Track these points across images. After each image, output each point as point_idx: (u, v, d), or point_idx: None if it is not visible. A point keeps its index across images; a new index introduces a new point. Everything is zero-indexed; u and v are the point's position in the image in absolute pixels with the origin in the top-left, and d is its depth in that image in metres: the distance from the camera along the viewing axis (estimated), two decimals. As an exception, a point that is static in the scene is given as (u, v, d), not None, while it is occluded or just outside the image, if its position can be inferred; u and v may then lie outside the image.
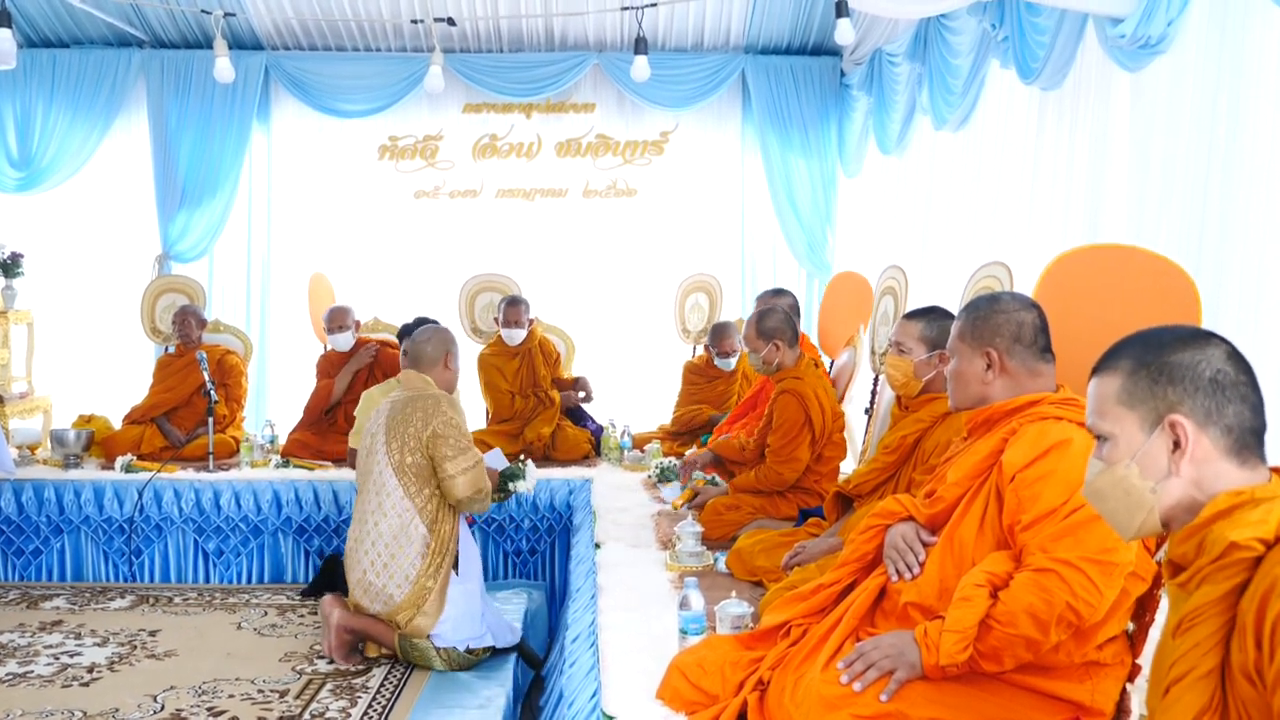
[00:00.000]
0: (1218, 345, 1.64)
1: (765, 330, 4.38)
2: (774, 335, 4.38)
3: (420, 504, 4.09)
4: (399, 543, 4.05)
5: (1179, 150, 3.87)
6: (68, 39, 8.12)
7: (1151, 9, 3.76)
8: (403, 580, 4.05)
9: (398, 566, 4.05)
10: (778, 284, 7.60)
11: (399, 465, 4.09)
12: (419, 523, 4.07)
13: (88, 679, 4.23)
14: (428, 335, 4.42)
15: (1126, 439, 1.66)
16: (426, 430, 4.10)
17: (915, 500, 2.57)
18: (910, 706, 2.19)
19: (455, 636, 4.10)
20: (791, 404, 4.29)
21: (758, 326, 4.41)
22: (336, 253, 8.33)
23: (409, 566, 4.05)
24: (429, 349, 4.35)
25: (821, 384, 4.39)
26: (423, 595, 4.04)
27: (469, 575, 4.19)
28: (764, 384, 5.35)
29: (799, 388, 4.30)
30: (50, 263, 8.19)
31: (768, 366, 4.42)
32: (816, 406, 4.28)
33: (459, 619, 4.10)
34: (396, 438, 4.12)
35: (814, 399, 4.28)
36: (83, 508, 5.72)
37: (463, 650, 4.11)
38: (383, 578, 4.06)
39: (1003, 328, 2.51)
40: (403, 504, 4.08)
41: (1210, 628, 1.50)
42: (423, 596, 4.04)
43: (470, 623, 4.13)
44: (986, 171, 5.75)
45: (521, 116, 8.53)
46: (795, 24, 8.06)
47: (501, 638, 4.26)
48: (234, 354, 6.75)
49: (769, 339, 4.38)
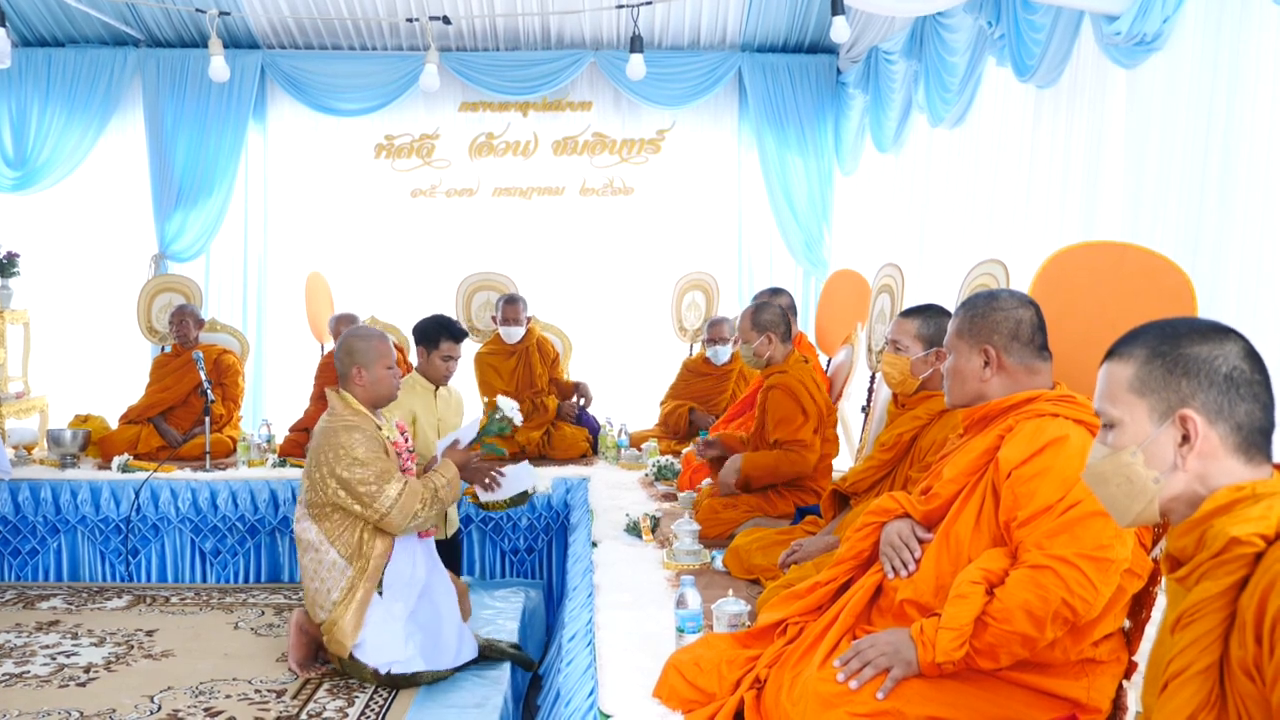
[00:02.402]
0: (1235, 341, 1.63)
1: (760, 322, 4.42)
2: (768, 328, 4.41)
3: (333, 533, 3.92)
4: (320, 564, 3.94)
5: (1174, 147, 3.88)
6: (63, 38, 8.11)
7: (1147, 6, 3.76)
8: (325, 598, 3.92)
9: (321, 582, 3.93)
10: (775, 282, 7.61)
11: (309, 501, 3.96)
12: (332, 551, 3.90)
13: (84, 679, 4.22)
14: (338, 347, 4.15)
15: (1135, 427, 1.65)
16: (333, 480, 3.87)
17: (911, 497, 2.57)
18: (906, 704, 2.18)
19: (376, 658, 3.86)
20: (781, 397, 4.31)
21: (753, 318, 4.44)
22: (333, 252, 8.34)
23: (332, 586, 3.90)
24: (338, 364, 4.08)
25: (809, 373, 4.41)
26: (340, 613, 3.86)
27: (398, 596, 3.92)
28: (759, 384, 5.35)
29: (785, 380, 4.33)
30: (46, 262, 8.18)
31: (758, 359, 4.45)
32: (807, 394, 4.31)
33: (378, 640, 3.85)
34: (308, 476, 3.98)
35: (802, 388, 4.31)
36: (79, 508, 5.72)
37: (384, 673, 3.87)
38: (315, 583, 3.95)
39: (1000, 325, 2.51)
40: (317, 536, 3.93)
41: (1209, 623, 1.50)
42: (340, 614, 3.86)
43: (391, 645, 3.85)
44: (983, 169, 5.76)
45: (518, 115, 8.53)
46: (791, 22, 8.07)
47: (437, 660, 3.92)
48: (231, 353, 6.74)
49: (762, 331, 4.41)
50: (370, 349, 4.02)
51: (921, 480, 2.71)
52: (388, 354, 4.06)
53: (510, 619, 4.76)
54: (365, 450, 3.88)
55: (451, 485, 4.06)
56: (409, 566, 3.99)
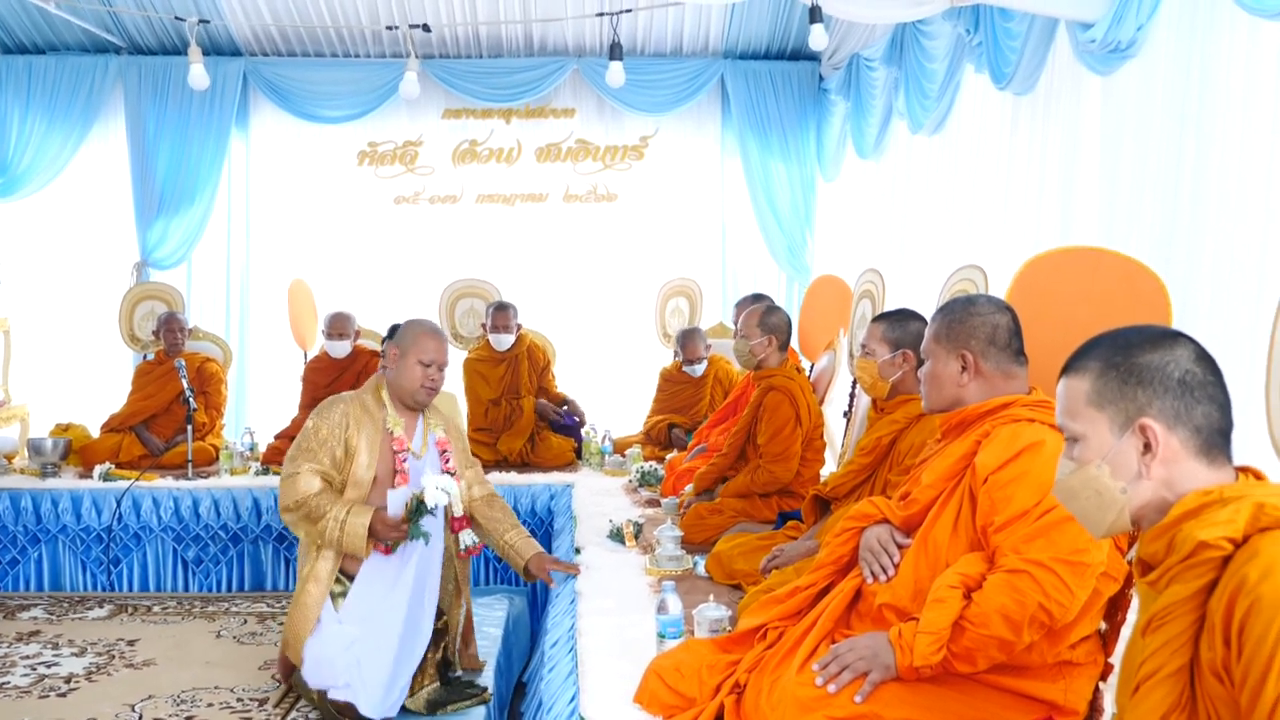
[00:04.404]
0: (1185, 345, 1.65)
1: (768, 324, 4.45)
2: (773, 331, 4.45)
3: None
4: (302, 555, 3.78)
5: (1149, 153, 3.91)
6: (44, 45, 8.08)
7: (1121, 14, 3.79)
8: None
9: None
10: (758, 288, 7.63)
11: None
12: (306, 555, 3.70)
13: (65, 689, 4.20)
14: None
15: (1097, 440, 1.67)
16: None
17: (890, 502, 2.59)
18: (885, 708, 2.20)
19: (315, 678, 3.53)
20: (782, 401, 4.33)
21: (762, 317, 4.45)
22: (316, 259, 8.32)
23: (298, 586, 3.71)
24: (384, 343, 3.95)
25: (807, 387, 4.45)
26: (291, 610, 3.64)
27: (355, 620, 3.55)
28: (745, 388, 5.37)
29: (789, 386, 4.35)
30: (27, 270, 8.15)
31: (751, 358, 4.46)
32: (804, 405, 4.35)
33: (321, 659, 3.51)
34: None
35: (802, 398, 4.35)
36: (60, 517, 5.69)
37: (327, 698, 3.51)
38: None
39: (978, 330, 2.52)
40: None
41: (1179, 626, 1.52)
42: (291, 611, 3.64)
43: (330, 669, 3.49)
44: (961, 175, 5.79)
45: (501, 122, 8.54)
46: (774, 29, 8.10)
47: (365, 703, 3.44)
48: (213, 361, 6.72)
49: (768, 332, 4.44)
50: (412, 336, 3.76)
51: (900, 485, 2.73)
52: (429, 350, 3.74)
53: (494, 626, 4.75)
54: (324, 425, 3.68)
55: (347, 531, 3.55)
56: (383, 594, 3.58)
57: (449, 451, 3.90)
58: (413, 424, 3.84)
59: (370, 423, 3.73)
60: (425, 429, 3.87)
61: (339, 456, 3.68)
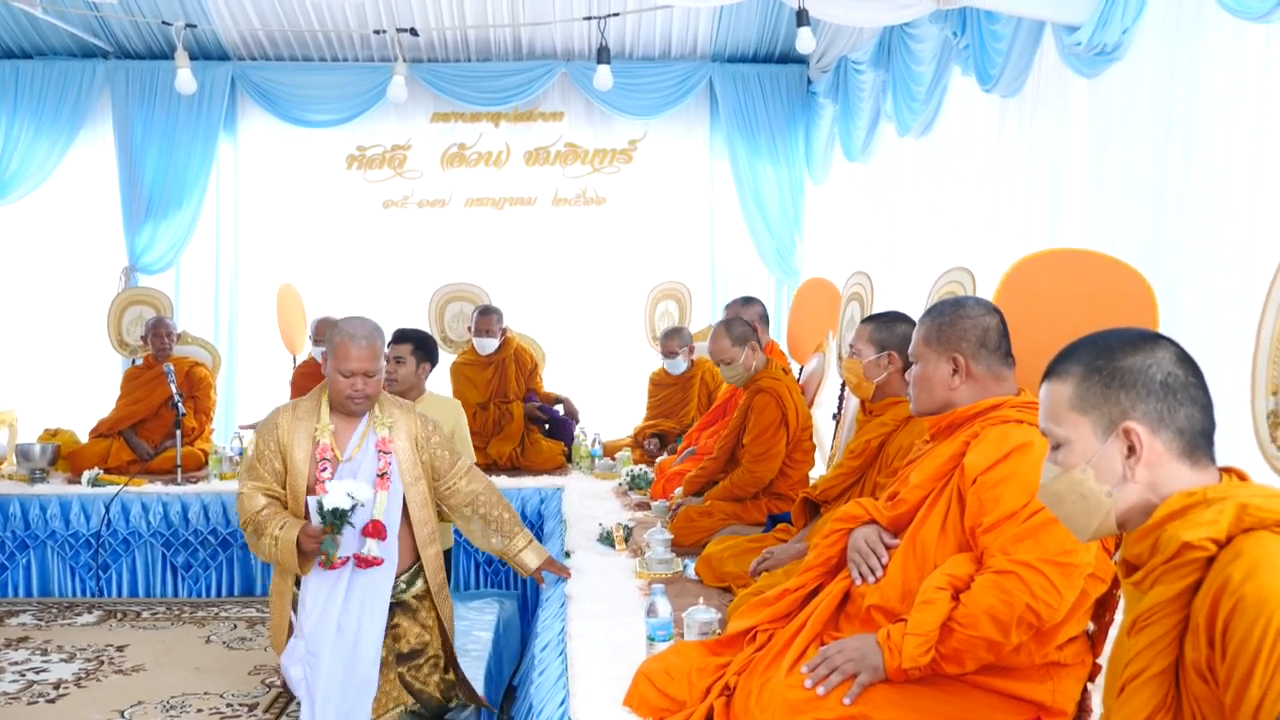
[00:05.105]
0: (1166, 348, 1.66)
1: (738, 336, 4.44)
2: (746, 340, 4.44)
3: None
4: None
5: (1135, 155, 3.93)
6: (31, 50, 8.05)
7: (1107, 17, 3.82)
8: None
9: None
10: (747, 290, 7.64)
11: None
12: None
13: (54, 695, 4.19)
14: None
15: (1081, 444, 1.67)
16: None
17: (878, 504, 2.60)
18: (873, 709, 2.20)
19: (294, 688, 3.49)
20: (769, 403, 4.34)
21: (729, 335, 4.44)
22: (305, 263, 8.31)
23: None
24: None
25: (795, 388, 4.46)
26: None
27: (303, 632, 3.46)
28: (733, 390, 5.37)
29: (776, 387, 4.36)
30: (15, 275, 8.13)
31: (745, 373, 4.46)
32: (792, 406, 4.36)
33: (289, 671, 3.47)
34: None
35: (789, 398, 4.36)
36: (49, 522, 5.67)
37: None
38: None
39: (968, 332, 2.53)
40: None
41: (1164, 627, 1.52)
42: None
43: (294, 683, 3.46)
44: (949, 177, 5.81)
45: (490, 125, 8.54)
46: (762, 32, 8.11)
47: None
48: (202, 366, 6.71)
49: (743, 343, 4.43)
50: (334, 344, 3.51)
51: (889, 486, 2.73)
52: (349, 359, 3.46)
53: (485, 630, 4.74)
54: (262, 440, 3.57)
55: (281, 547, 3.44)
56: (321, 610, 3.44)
57: (391, 453, 3.60)
58: (350, 428, 3.59)
59: (302, 431, 3.55)
60: (366, 431, 3.59)
61: (279, 469, 3.54)
